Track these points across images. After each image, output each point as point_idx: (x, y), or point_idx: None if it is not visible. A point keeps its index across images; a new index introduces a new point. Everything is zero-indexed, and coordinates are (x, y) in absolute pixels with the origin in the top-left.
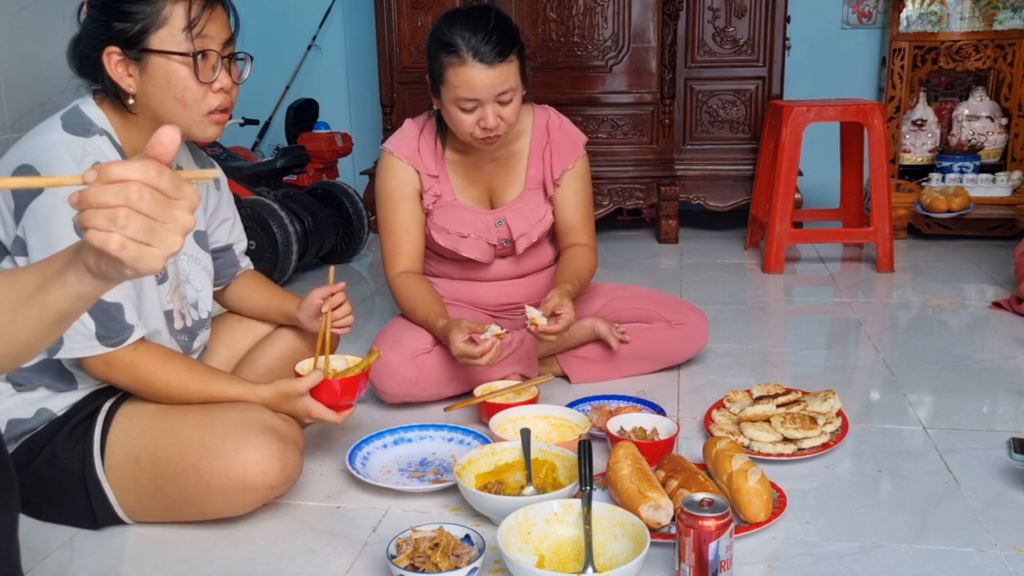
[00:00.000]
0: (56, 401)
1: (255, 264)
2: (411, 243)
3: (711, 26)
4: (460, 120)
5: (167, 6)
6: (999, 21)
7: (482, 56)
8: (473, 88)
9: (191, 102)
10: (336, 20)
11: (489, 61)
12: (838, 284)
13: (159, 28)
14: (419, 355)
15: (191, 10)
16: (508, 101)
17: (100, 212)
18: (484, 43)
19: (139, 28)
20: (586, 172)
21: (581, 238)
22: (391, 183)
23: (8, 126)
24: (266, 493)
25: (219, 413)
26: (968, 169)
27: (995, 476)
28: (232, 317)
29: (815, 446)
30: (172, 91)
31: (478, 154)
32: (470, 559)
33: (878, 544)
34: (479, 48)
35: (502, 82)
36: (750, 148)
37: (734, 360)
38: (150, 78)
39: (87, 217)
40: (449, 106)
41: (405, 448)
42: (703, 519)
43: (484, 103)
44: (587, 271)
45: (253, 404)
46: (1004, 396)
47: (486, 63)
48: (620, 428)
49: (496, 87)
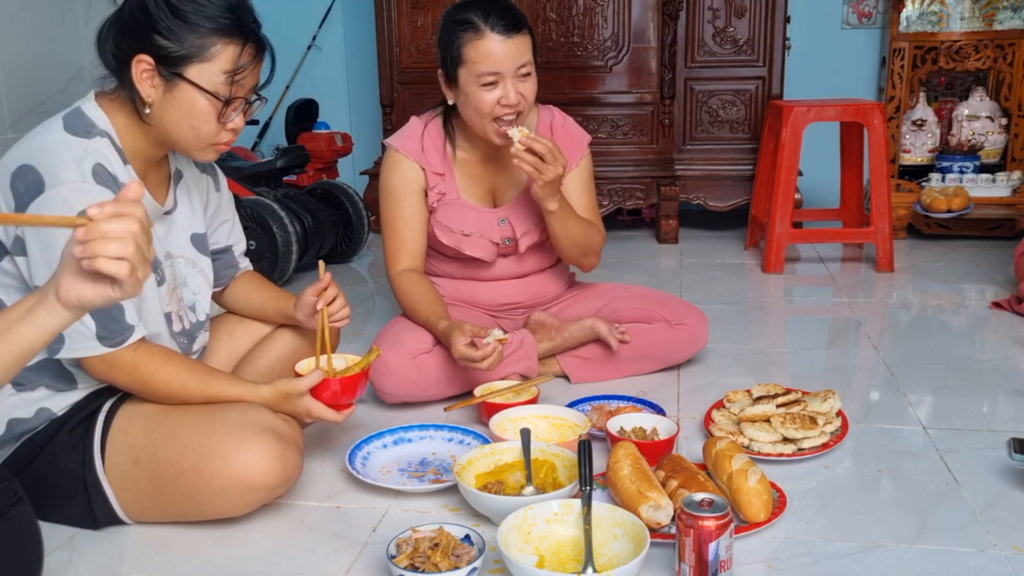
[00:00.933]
0: (56, 401)
1: (255, 264)
2: (414, 241)
3: (711, 26)
4: (481, 101)
5: (218, 45)
6: (999, 21)
7: (500, 28)
8: (494, 60)
9: (205, 135)
10: (336, 20)
11: (507, 32)
12: (838, 284)
13: (201, 62)
14: (419, 355)
15: (240, 58)
16: (527, 75)
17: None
18: (500, 17)
19: (181, 54)
20: (590, 171)
21: None
22: (395, 180)
23: (8, 126)
24: (266, 493)
25: (219, 414)
26: (968, 169)
27: (995, 476)
28: (232, 317)
29: (815, 446)
30: (190, 120)
31: (484, 152)
32: (470, 559)
33: (878, 544)
34: (496, 22)
35: (520, 54)
36: (750, 148)
37: (734, 360)
38: (173, 100)
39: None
40: (469, 89)
41: (405, 448)
42: (703, 519)
43: (505, 77)
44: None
45: (253, 405)
46: (1004, 396)
47: (504, 34)
48: (620, 428)
49: (516, 58)
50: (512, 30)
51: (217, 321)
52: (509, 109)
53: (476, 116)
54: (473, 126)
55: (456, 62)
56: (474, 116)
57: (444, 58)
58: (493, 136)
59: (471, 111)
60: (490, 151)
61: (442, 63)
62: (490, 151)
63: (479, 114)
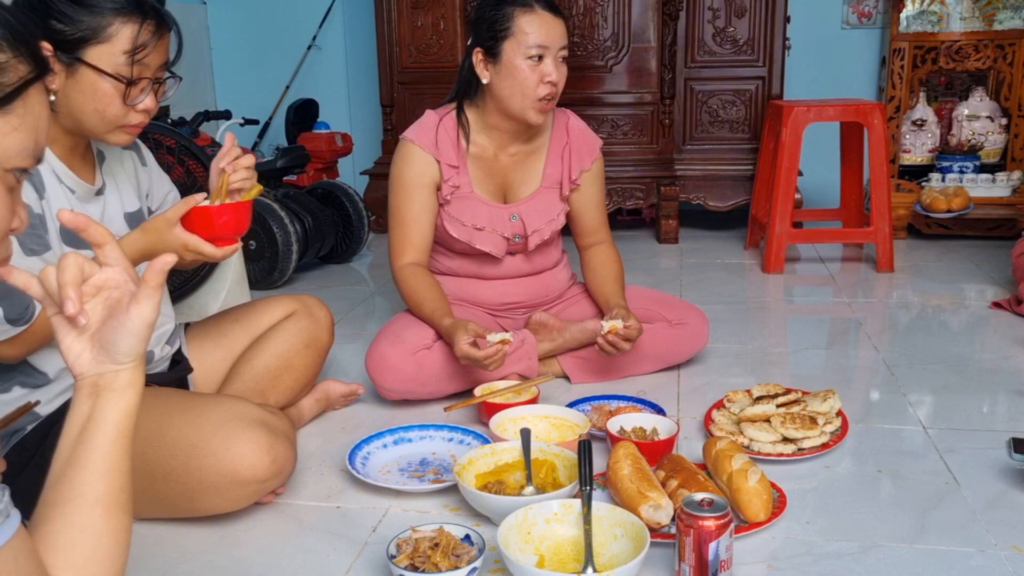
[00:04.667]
0: (38, 396)
1: (255, 264)
2: (420, 235)
3: (711, 26)
4: (526, 77)
5: (115, 24)
6: (999, 21)
7: (547, 6)
8: (545, 34)
9: (111, 118)
10: (336, 20)
11: (554, 12)
12: (838, 284)
13: (99, 43)
14: (419, 351)
15: (139, 36)
16: (564, 60)
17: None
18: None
19: (78, 36)
20: (602, 174)
21: (602, 236)
22: (408, 172)
23: None
24: (258, 487)
25: (207, 409)
26: (968, 169)
27: (995, 476)
28: (227, 319)
29: (815, 446)
30: (95, 104)
31: (498, 145)
32: (470, 559)
33: (878, 544)
34: (544, 1)
35: (563, 35)
36: (750, 148)
37: (734, 360)
38: (75, 84)
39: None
40: (516, 62)
41: (405, 448)
42: (703, 519)
43: (550, 53)
44: (623, 273)
45: (239, 399)
46: (1004, 396)
47: (553, 13)
48: (620, 428)
49: (560, 38)
50: (557, 12)
51: (210, 322)
52: (552, 87)
53: (518, 92)
54: (511, 104)
55: (503, 35)
56: (515, 93)
57: (486, 34)
58: (531, 114)
59: (514, 87)
60: (504, 144)
61: (481, 40)
62: (504, 144)
63: (522, 89)
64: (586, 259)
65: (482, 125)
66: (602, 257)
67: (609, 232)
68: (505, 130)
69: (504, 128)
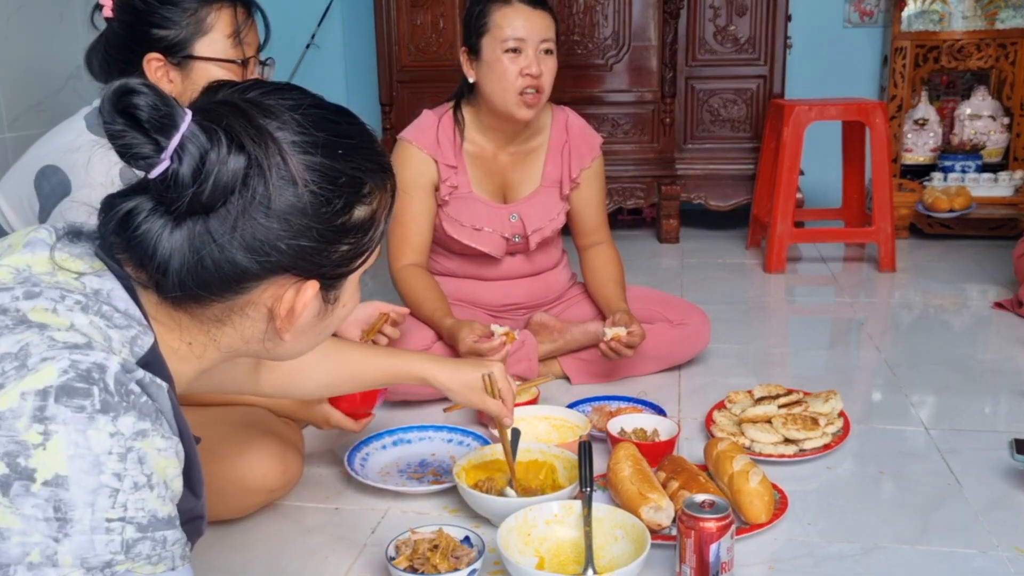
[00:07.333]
0: None
1: None
2: (419, 236)
3: (712, 25)
4: (504, 71)
5: (211, 14)
6: (1001, 20)
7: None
8: (519, 27)
9: None
10: (335, 18)
11: (533, 4)
12: (840, 284)
13: (203, 35)
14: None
15: (236, 18)
16: (549, 52)
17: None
18: None
19: (182, 36)
20: (602, 172)
21: (602, 236)
22: (406, 173)
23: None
24: (266, 496)
25: (219, 417)
26: (970, 168)
27: (997, 477)
28: None
29: (816, 447)
30: None
31: (496, 144)
32: (469, 561)
33: (880, 545)
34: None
35: (544, 28)
36: (751, 147)
37: (735, 360)
38: (193, 84)
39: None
40: (493, 57)
41: (404, 449)
42: (704, 520)
43: (528, 46)
44: (623, 274)
45: (254, 408)
46: (1006, 397)
47: (530, 5)
48: (621, 429)
49: (539, 31)
50: (537, 4)
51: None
52: (532, 80)
53: (499, 88)
54: (494, 101)
55: (481, 31)
56: (496, 89)
57: (469, 32)
58: (515, 109)
59: (494, 82)
60: (502, 143)
61: (466, 39)
62: (502, 143)
63: (502, 84)
64: (586, 260)
65: (479, 125)
66: (602, 258)
67: (609, 232)
68: (499, 129)
69: (498, 127)
